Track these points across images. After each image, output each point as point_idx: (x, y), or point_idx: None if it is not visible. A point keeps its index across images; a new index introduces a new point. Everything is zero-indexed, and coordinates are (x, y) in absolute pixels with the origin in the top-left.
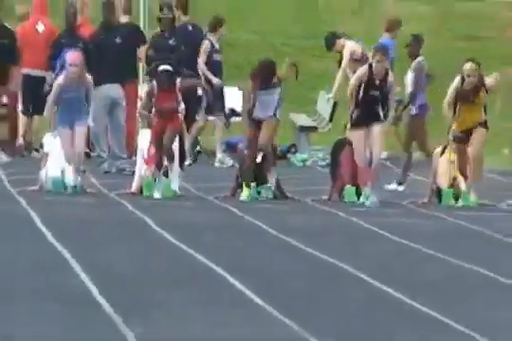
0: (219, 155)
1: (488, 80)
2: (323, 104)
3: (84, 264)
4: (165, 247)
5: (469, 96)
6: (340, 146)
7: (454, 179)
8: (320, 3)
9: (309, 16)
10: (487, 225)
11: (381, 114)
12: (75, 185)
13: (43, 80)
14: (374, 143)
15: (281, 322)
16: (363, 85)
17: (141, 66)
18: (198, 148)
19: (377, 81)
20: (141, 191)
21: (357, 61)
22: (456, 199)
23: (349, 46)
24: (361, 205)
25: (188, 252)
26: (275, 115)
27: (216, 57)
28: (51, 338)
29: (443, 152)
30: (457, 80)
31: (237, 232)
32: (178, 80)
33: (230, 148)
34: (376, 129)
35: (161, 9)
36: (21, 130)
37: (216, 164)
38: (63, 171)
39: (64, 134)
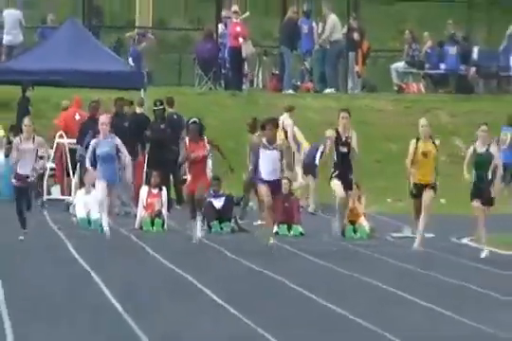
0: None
1: None
2: None
3: (102, 276)
4: (155, 264)
5: None
6: None
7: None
8: (261, 103)
9: (254, 110)
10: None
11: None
12: (105, 231)
13: (75, 150)
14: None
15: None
16: (333, 144)
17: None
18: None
19: (344, 138)
20: (141, 227)
21: None
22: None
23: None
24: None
25: (169, 266)
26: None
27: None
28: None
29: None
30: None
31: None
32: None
33: None
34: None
35: (155, 104)
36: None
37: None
38: (87, 213)
39: (101, 185)
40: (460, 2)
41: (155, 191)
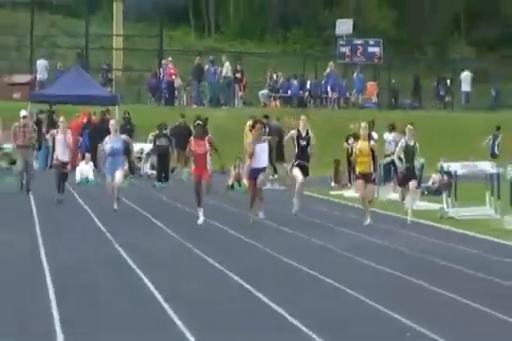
0: None
1: None
2: None
3: (96, 211)
4: (125, 205)
5: None
6: None
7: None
8: (186, 113)
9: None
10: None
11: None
12: (115, 209)
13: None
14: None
15: None
16: (296, 139)
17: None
18: None
19: (304, 135)
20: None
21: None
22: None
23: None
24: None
25: (131, 205)
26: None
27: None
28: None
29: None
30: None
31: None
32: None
33: None
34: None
35: (124, 114)
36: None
37: None
38: (86, 176)
39: (108, 180)
40: (299, 54)
41: None
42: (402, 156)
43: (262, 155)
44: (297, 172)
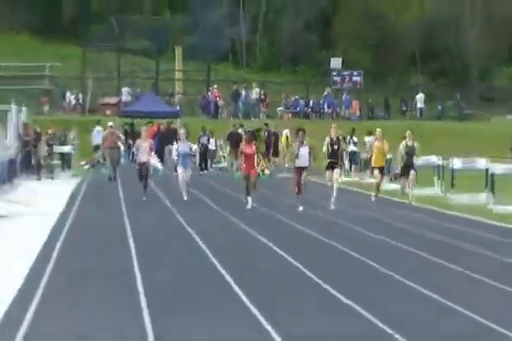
0: None
1: None
2: None
3: (170, 198)
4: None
5: None
6: None
7: (263, 170)
8: (229, 124)
9: (226, 126)
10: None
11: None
12: (185, 199)
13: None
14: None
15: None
16: (329, 144)
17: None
18: None
19: (335, 140)
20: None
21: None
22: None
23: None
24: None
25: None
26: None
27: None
28: None
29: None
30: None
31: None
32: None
33: None
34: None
35: (183, 124)
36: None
37: None
38: (156, 169)
39: (180, 170)
40: (305, 82)
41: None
42: (403, 154)
43: (304, 156)
44: (328, 172)
